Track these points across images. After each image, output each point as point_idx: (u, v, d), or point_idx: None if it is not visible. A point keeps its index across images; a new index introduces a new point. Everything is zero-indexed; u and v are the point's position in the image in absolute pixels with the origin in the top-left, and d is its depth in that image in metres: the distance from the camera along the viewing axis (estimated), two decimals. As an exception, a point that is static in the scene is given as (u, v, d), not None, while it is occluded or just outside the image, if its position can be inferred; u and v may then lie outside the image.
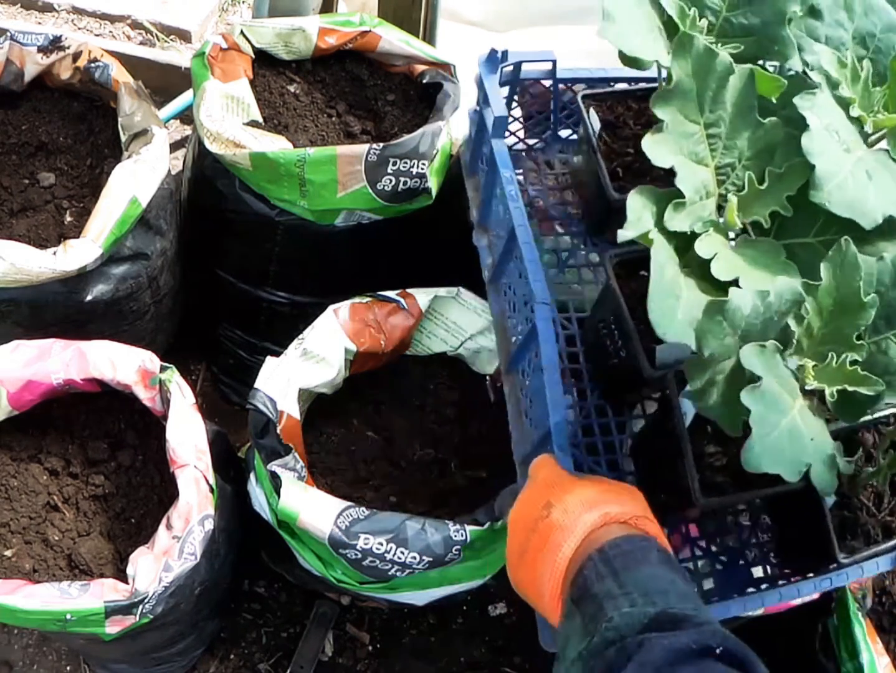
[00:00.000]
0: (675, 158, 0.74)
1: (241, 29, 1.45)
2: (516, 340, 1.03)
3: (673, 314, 0.65)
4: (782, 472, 0.42)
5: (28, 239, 1.30)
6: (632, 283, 0.89)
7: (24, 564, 1.10)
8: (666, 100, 0.74)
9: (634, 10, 0.82)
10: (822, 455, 0.45)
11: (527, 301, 0.96)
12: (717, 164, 0.77)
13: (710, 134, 0.77)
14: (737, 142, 0.77)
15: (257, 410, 1.11)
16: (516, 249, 0.98)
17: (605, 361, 0.94)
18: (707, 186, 0.76)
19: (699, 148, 0.76)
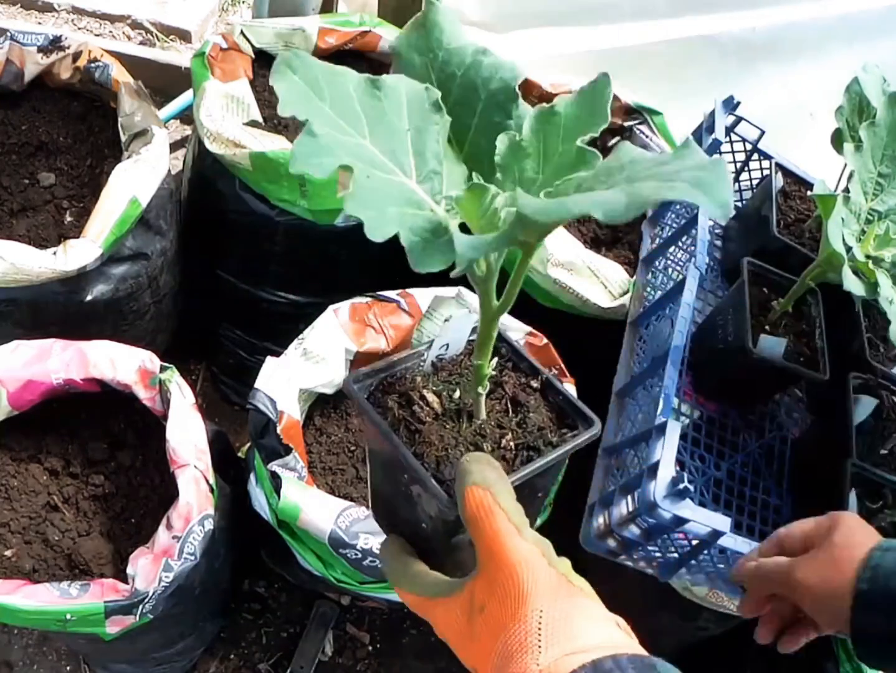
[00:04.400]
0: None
1: (241, 29, 1.45)
2: (652, 298, 1.27)
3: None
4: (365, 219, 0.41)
5: (28, 239, 1.30)
6: (756, 289, 1.11)
7: (24, 564, 1.10)
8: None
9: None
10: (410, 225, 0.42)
11: (680, 267, 1.26)
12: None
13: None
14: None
15: (257, 410, 1.11)
16: (694, 228, 1.22)
17: (712, 343, 1.12)
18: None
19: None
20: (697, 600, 1.22)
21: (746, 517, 1.07)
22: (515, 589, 0.47)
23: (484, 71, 0.50)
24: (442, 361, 0.60)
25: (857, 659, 0.71)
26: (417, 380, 0.59)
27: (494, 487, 0.49)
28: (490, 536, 0.48)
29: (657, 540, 0.96)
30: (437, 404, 0.57)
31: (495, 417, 0.57)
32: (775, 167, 1.31)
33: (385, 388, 0.59)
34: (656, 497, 0.87)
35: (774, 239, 1.16)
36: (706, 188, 0.36)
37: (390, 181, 0.46)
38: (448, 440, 0.55)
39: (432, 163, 0.48)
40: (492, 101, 0.50)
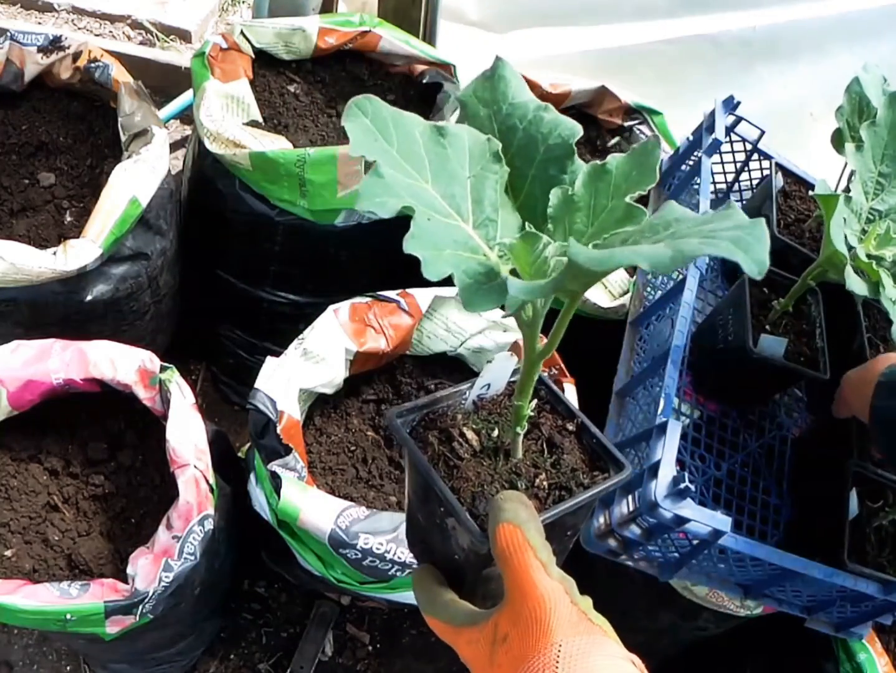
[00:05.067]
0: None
1: (241, 29, 1.45)
2: (652, 298, 1.28)
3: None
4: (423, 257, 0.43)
5: (28, 239, 1.30)
6: (756, 289, 1.13)
7: (24, 564, 1.10)
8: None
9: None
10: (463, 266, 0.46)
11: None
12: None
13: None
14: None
15: (257, 410, 1.11)
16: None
17: (712, 343, 1.13)
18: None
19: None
20: (697, 600, 1.22)
21: (746, 517, 1.07)
22: (538, 622, 0.49)
23: (544, 126, 0.53)
24: (483, 400, 0.63)
25: (875, 442, 0.94)
26: (458, 417, 0.61)
27: (525, 525, 0.51)
28: (518, 571, 0.51)
29: (658, 540, 0.96)
30: (476, 442, 0.60)
31: (531, 456, 0.60)
32: (775, 167, 1.31)
33: (426, 424, 0.61)
34: (657, 497, 0.87)
35: (775, 239, 1.16)
36: (745, 247, 0.39)
37: (448, 225, 0.49)
38: (484, 477, 0.57)
39: (489, 210, 0.51)
40: (549, 154, 0.53)
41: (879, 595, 0.99)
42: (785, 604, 1.10)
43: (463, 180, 0.51)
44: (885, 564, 1.04)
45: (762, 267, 0.39)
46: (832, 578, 0.96)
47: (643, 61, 1.89)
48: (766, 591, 1.06)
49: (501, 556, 0.51)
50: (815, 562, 0.96)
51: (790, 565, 0.95)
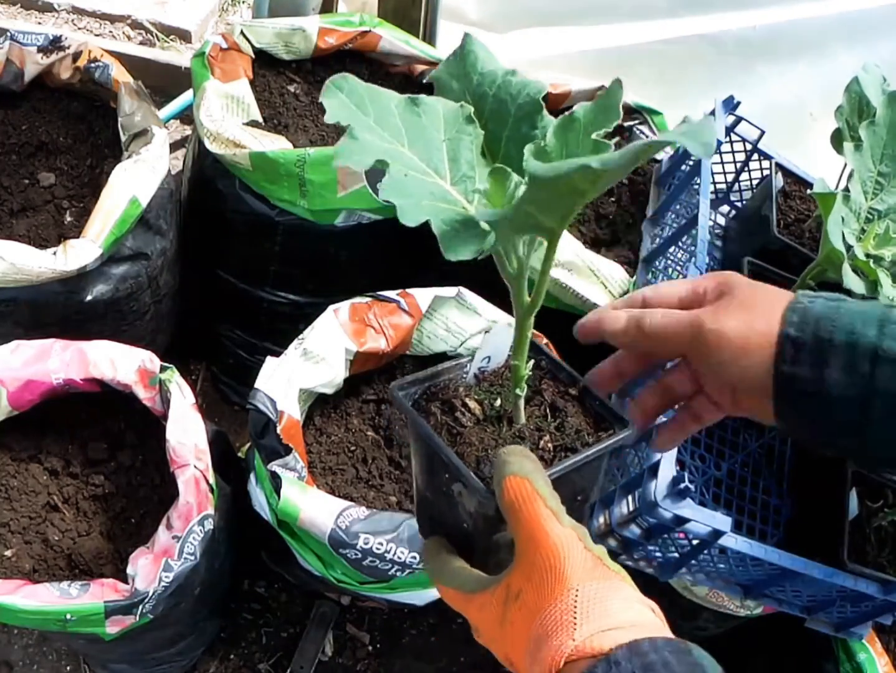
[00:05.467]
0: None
1: (241, 29, 1.45)
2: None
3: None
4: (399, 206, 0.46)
5: (28, 239, 1.30)
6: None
7: (24, 564, 1.10)
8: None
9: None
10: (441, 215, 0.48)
11: (680, 268, 1.26)
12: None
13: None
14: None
15: (257, 410, 1.11)
16: (694, 228, 1.18)
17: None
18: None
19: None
20: (697, 600, 1.22)
21: (746, 517, 1.07)
22: (552, 570, 0.48)
23: (513, 88, 0.56)
24: (484, 373, 0.63)
25: (777, 423, 0.59)
26: (460, 389, 0.61)
27: (532, 476, 0.50)
28: (528, 521, 0.49)
29: (657, 540, 0.96)
30: (479, 411, 0.60)
31: (534, 421, 0.60)
32: (775, 167, 1.31)
33: (428, 396, 0.62)
34: (657, 497, 0.87)
35: (774, 239, 1.16)
36: (692, 135, 0.41)
37: (426, 181, 0.51)
38: (488, 442, 0.57)
39: (465, 168, 0.53)
40: (520, 113, 0.55)
41: (879, 595, 0.99)
42: (785, 604, 1.10)
43: (439, 143, 0.53)
44: (885, 564, 1.04)
45: (707, 149, 0.41)
46: (832, 578, 0.96)
47: (643, 61, 1.89)
48: (766, 591, 1.06)
49: (510, 508, 0.50)
50: (815, 562, 0.96)
51: (790, 565, 0.95)
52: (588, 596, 0.47)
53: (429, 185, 0.50)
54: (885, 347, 0.54)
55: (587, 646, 0.45)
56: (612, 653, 0.44)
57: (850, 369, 0.55)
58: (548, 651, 0.46)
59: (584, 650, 0.45)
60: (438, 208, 0.48)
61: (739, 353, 0.59)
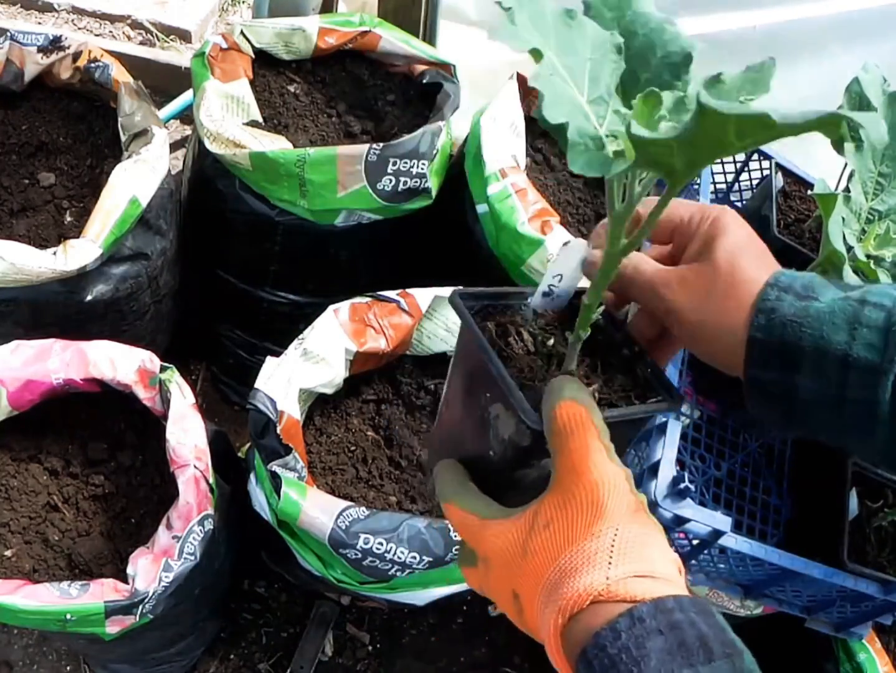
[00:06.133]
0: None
1: (241, 29, 1.45)
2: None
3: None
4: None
5: (28, 239, 1.30)
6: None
7: (24, 564, 1.10)
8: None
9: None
10: (579, 119, 0.47)
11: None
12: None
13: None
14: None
15: (257, 410, 1.11)
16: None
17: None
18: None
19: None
20: (697, 600, 1.22)
21: (746, 517, 1.07)
22: (593, 505, 0.46)
23: (666, 35, 0.55)
24: (544, 309, 0.61)
25: (749, 408, 0.57)
26: (517, 318, 0.59)
27: (589, 406, 0.48)
28: (578, 450, 0.47)
29: (657, 540, 0.96)
30: (532, 344, 0.58)
31: (584, 369, 0.57)
32: (775, 167, 1.31)
33: (485, 314, 0.59)
34: (657, 496, 0.87)
35: (775, 239, 1.16)
36: (869, 123, 0.40)
37: (567, 87, 0.50)
38: (537, 373, 0.55)
39: (603, 91, 0.52)
40: (666, 60, 0.54)
41: (879, 595, 0.99)
42: (785, 604, 1.10)
43: (584, 59, 0.52)
44: (885, 564, 1.04)
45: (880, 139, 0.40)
46: (832, 578, 0.96)
47: (643, 61, 1.88)
48: (766, 591, 1.06)
49: (559, 434, 0.47)
50: (815, 562, 0.96)
51: (790, 565, 0.95)
52: (627, 538, 0.45)
53: (571, 94, 0.50)
54: (855, 355, 0.52)
55: (619, 588, 0.43)
56: (636, 607, 0.42)
57: (820, 375, 0.52)
58: (572, 587, 0.44)
59: (615, 593, 0.43)
60: (577, 115, 0.47)
61: (700, 343, 0.57)
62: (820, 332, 0.53)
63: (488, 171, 1.35)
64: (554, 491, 0.48)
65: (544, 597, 0.46)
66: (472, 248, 1.43)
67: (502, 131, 1.40)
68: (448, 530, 1.06)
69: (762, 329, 0.54)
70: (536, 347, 0.58)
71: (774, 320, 0.54)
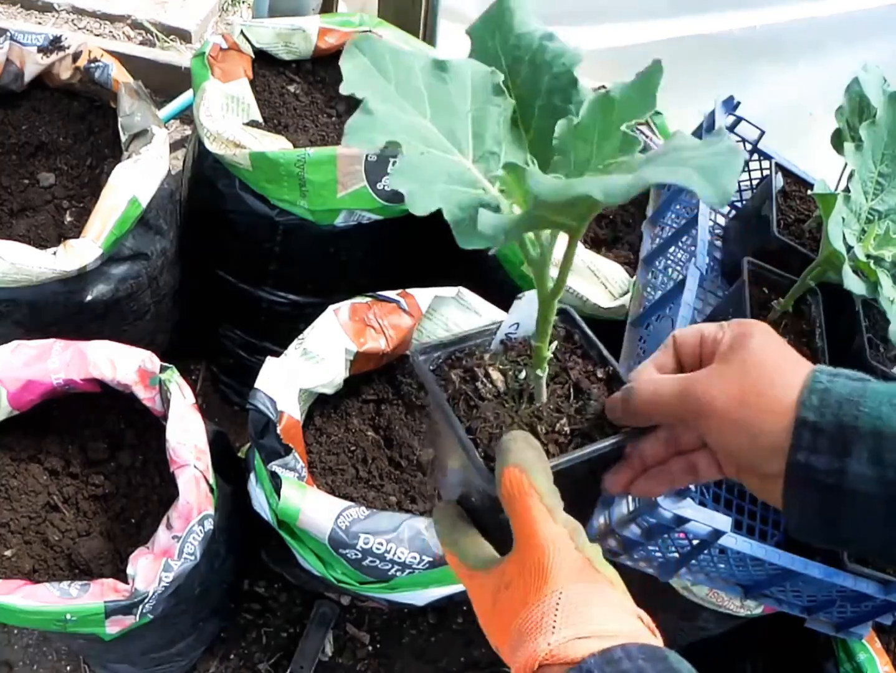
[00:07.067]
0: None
1: (241, 29, 1.45)
2: (652, 298, 1.24)
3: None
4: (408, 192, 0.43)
5: (28, 239, 1.30)
6: (756, 289, 1.10)
7: (24, 564, 1.10)
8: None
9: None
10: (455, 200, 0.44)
11: (680, 268, 1.23)
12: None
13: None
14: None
15: (257, 409, 1.11)
16: (694, 228, 1.20)
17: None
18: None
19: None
20: (697, 600, 1.22)
21: (746, 517, 1.07)
22: (540, 569, 0.47)
23: (548, 55, 0.52)
24: (512, 340, 0.61)
25: (784, 514, 0.55)
26: (485, 357, 0.59)
27: (531, 469, 0.49)
28: (522, 515, 0.49)
29: (658, 540, 0.96)
30: (501, 382, 0.58)
31: (555, 400, 0.58)
32: (775, 167, 1.31)
33: (451, 362, 0.59)
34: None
35: (774, 239, 1.16)
36: (709, 175, 0.37)
37: (445, 158, 0.47)
38: (504, 418, 0.55)
39: (490, 144, 0.50)
40: (554, 84, 0.52)
41: (879, 595, 0.99)
42: (785, 604, 1.10)
43: (464, 115, 0.50)
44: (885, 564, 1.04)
45: (723, 198, 0.36)
46: (832, 578, 0.96)
47: (643, 61, 1.88)
48: (766, 591, 1.06)
49: (507, 500, 0.49)
50: (815, 562, 0.96)
51: (790, 565, 0.95)
52: (570, 600, 0.46)
53: (447, 165, 0.47)
54: None
55: (561, 652, 0.44)
56: (584, 660, 0.43)
57: (876, 458, 0.48)
58: (524, 652, 0.46)
59: (558, 657, 0.44)
60: (453, 192, 0.45)
61: (738, 430, 0.52)
62: (878, 413, 0.49)
63: (488, 171, 1.35)
64: (514, 551, 0.50)
65: (509, 655, 0.48)
66: (472, 249, 1.43)
67: (502, 131, 1.40)
68: (448, 530, 1.06)
69: (814, 409, 0.50)
70: (508, 384, 0.58)
71: (828, 399, 0.50)
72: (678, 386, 0.54)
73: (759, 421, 0.51)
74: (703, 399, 0.52)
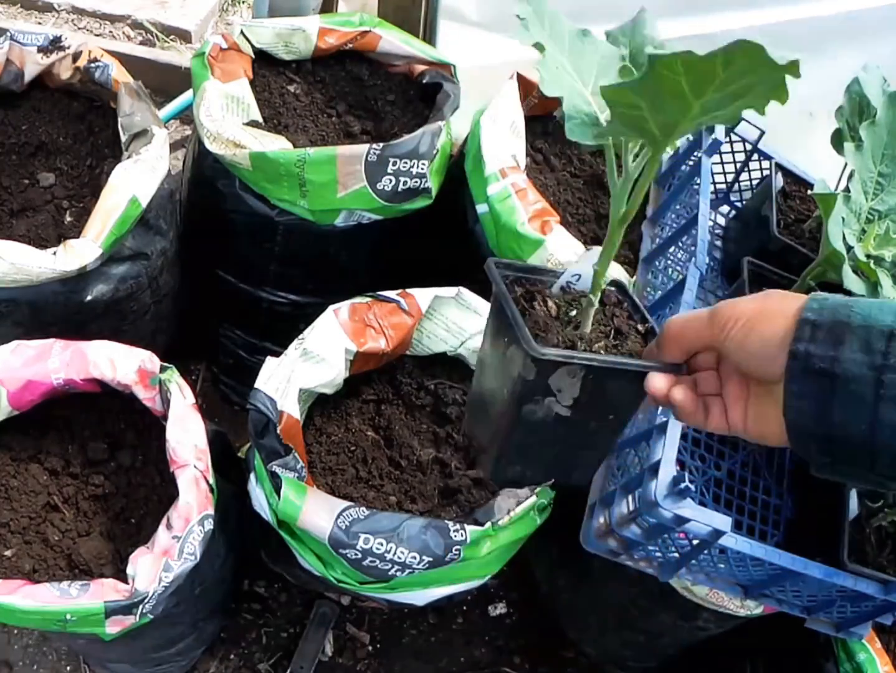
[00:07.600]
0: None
1: (241, 29, 1.45)
2: (653, 298, 1.25)
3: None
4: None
5: (28, 239, 1.30)
6: (756, 289, 1.14)
7: (24, 564, 1.10)
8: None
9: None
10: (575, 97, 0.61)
11: (680, 268, 1.23)
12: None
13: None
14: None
15: (257, 409, 1.11)
16: (694, 228, 1.19)
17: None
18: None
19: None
20: (697, 600, 1.22)
21: (746, 517, 1.07)
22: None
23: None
24: (570, 289, 0.71)
25: (784, 410, 0.61)
26: (546, 290, 0.70)
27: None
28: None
29: (658, 540, 0.96)
30: (554, 311, 0.68)
31: (597, 332, 0.68)
32: (775, 167, 1.31)
33: (516, 283, 0.70)
34: (657, 496, 0.87)
35: (774, 239, 1.16)
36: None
37: (572, 77, 0.63)
38: (551, 329, 0.65)
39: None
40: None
41: (879, 595, 0.99)
42: (785, 604, 1.10)
43: (592, 62, 0.65)
44: (885, 564, 1.04)
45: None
46: (832, 578, 0.96)
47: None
48: (766, 591, 1.06)
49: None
50: (815, 562, 0.96)
51: (790, 565, 0.95)
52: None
53: (572, 82, 0.62)
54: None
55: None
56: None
57: (866, 347, 0.57)
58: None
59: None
60: (574, 94, 0.59)
61: (754, 331, 0.63)
62: (867, 313, 0.59)
63: (488, 171, 1.35)
64: None
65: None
66: (472, 248, 1.43)
67: (502, 131, 1.40)
68: (448, 530, 1.06)
69: (814, 311, 0.61)
70: (559, 315, 0.67)
71: (825, 305, 0.61)
72: (707, 311, 0.66)
73: (770, 325, 0.62)
74: (730, 313, 0.64)
